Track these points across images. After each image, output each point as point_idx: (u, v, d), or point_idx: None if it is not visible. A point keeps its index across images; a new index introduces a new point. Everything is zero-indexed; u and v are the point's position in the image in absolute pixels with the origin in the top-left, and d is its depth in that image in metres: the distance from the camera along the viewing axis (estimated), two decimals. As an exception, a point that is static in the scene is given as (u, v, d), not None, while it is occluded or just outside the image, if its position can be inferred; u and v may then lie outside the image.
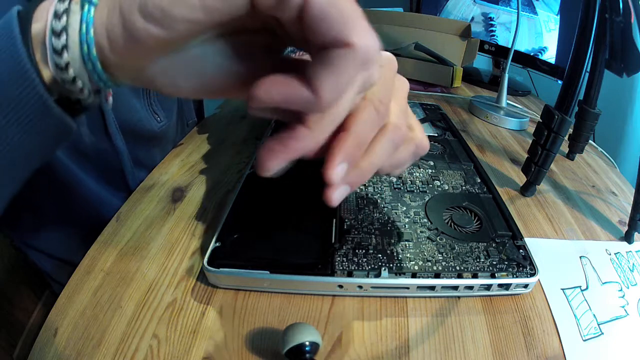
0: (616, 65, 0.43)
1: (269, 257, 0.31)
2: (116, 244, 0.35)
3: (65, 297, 0.30)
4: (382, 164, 0.24)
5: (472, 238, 0.33)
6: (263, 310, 0.29)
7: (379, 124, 0.22)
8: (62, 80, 0.18)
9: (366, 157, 0.22)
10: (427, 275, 0.30)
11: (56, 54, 0.17)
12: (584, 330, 0.30)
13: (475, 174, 0.43)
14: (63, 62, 0.18)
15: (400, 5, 1.04)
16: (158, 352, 0.26)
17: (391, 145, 0.23)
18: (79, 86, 0.18)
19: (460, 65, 0.79)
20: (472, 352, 0.27)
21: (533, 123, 0.61)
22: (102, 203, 0.44)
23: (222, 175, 0.46)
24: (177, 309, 0.29)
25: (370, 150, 0.22)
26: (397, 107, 0.24)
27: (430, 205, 0.37)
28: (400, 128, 0.23)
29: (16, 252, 0.48)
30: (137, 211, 0.39)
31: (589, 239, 0.39)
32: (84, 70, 0.18)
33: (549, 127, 0.41)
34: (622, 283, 0.34)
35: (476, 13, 0.87)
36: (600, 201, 0.46)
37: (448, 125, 0.55)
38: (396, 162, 0.26)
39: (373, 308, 0.30)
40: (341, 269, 0.30)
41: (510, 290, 0.31)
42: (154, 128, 0.48)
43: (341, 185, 0.22)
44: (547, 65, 0.74)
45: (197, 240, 0.36)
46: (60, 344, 0.27)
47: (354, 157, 0.22)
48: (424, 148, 0.27)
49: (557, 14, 0.72)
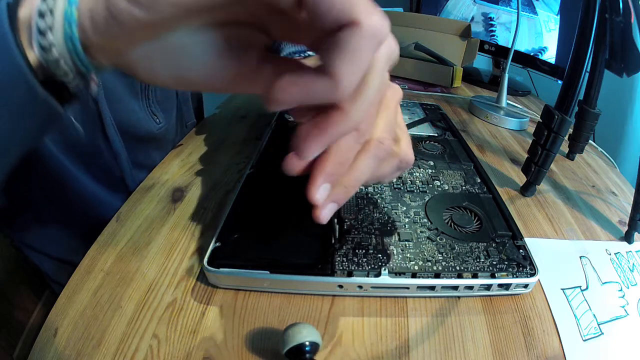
0: (616, 65, 0.43)
1: (269, 257, 0.31)
2: (116, 244, 0.35)
3: (65, 297, 0.30)
4: (366, 179, 0.24)
5: (472, 238, 0.33)
6: (263, 310, 0.29)
7: (360, 141, 0.22)
8: (46, 61, 0.18)
9: (349, 174, 0.22)
10: (427, 275, 0.30)
11: (41, 34, 0.17)
12: (584, 330, 0.30)
13: (475, 174, 0.43)
14: (47, 43, 0.17)
15: (400, 5, 1.04)
16: (158, 352, 0.26)
17: (374, 160, 0.23)
18: (63, 68, 0.18)
19: (460, 65, 0.79)
20: (472, 352, 0.27)
21: (533, 123, 0.61)
22: (101, 203, 0.44)
23: (222, 175, 0.46)
24: (177, 309, 0.29)
25: (354, 167, 0.22)
26: (383, 121, 0.23)
27: (430, 205, 0.37)
28: (383, 143, 0.23)
29: (16, 252, 0.48)
30: (137, 211, 0.39)
31: (589, 239, 0.39)
32: (66, 51, 0.18)
33: (549, 127, 0.41)
34: (622, 283, 0.34)
35: (476, 13, 0.87)
36: (600, 201, 0.46)
37: (448, 125, 0.55)
38: (379, 175, 0.26)
39: (373, 308, 0.30)
40: (341, 269, 0.30)
41: (510, 290, 0.31)
42: (152, 130, 0.48)
43: (327, 204, 0.22)
44: (547, 65, 0.74)
45: (197, 240, 0.36)
46: (60, 344, 0.27)
47: (336, 176, 0.22)
48: (408, 162, 0.26)
49: (557, 14, 0.72)
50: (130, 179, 0.46)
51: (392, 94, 0.25)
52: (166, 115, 0.50)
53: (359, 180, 0.23)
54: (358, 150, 0.22)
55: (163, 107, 0.49)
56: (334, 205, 0.22)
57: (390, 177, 0.27)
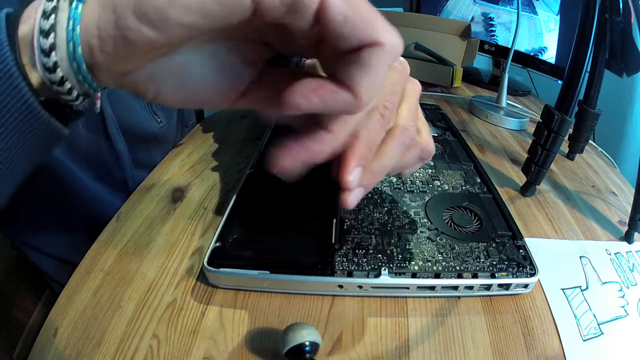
0: (616, 65, 0.43)
1: (269, 257, 0.31)
2: (116, 244, 0.35)
3: (65, 297, 0.30)
4: (393, 165, 0.24)
5: (472, 238, 0.33)
6: (263, 310, 0.29)
7: (385, 127, 0.23)
8: (50, 81, 0.17)
9: (377, 160, 0.23)
10: (427, 275, 0.30)
11: (44, 54, 0.17)
12: (584, 330, 0.30)
13: (475, 174, 0.43)
14: (51, 62, 0.17)
15: (400, 5, 1.04)
16: (158, 352, 0.26)
17: (400, 146, 0.24)
18: (67, 87, 0.18)
19: (460, 65, 0.79)
20: (472, 352, 0.27)
21: (533, 123, 0.61)
22: (102, 203, 0.44)
23: (222, 175, 0.46)
24: (177, 309, 0.29)
25: (381, 153, 0.23)
26: (406, 110, 0.24)
27: (430, 205, 0.37)
28: (408, 129, 0.24)
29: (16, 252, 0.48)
30: (137, 211, 0.39)
31: (589, 239, 0.39)
32: (71, 71, 0.17)
33: (549, 127, 0.41)
34: (622, 283, 0.34)
35: (476, 13, 0.87)
36: (600, 201, 0.46)
37: (448, 125, 0.55)
38: (403, 164, 0.26)
39: (373, 308, 0.30)
40: (341, 269, 0.30)
41: (510, 290, 0.31)
42: (153, 129, 0.48)
43: (356, 189, 0.22)
44: (547, 65, 0.74)
45: (197, 240, 0.36)
46: (60, 344, 0.27)
47: (366, 161, 0.22)
48: (429, 152, 0.27)
49: (557, 14, 0.72)
50: (131, 179, 0.46)
51: (412, 86, 0.26)
52: (167, 115, 0.50)
53: (385, 166, 0.23)
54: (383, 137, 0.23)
55: (164, 106, 0.50)
56: (362, 190, 0.23)
57: (413, 168, 0.28)
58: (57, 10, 0.17)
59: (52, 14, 0.17)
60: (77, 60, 0.17)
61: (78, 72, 0.18)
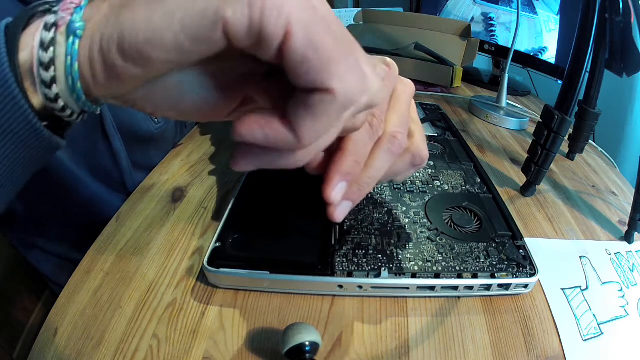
0: (616, 65, 0.43)
1: (269, 257, 0.31)
2: (116, 244, 0.35)
3: (65, 297, 0.30)
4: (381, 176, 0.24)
5: (472, 238, 0.33)
6: (263, 310, 0.29)
7: (374, 138, 0.22)
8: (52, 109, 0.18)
9: (364, 172, 0.22)
10: (427, 276, 0.30)
11: (45, 86, 0.17)
12: (584, 330, 0.30)
13: (475, 174, 0.43)
14: (52, 94, 0.17)
15: (400, 5, 1.05)
16: (158, 352, 0.26)
17: (389, 155, 0.23)
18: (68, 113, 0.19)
19: (460, 65, 0.79)
20: (472, 352, 0.27)
21: (533, 123, 0.61)
22: (101, 203, 0.44)
23: (222, 175, 0.46)
24: (177, 309, 0.29)
25: (369, 164, 0.22)
26: (395, 115, 0.23)
27: (430, 205, 0.37)
28: (396, 137, 0.23)
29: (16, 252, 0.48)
30: (137, 211, 0.39)
31: (589, 239, 0.39)
32: (71, 99, 0.18)
33: (549, 127, 0.41)
34: (622, 283, 0.34)
35: (476, 13, 0.87)
36: (600, 201, 0.46)
37: (448, 125, 0.55)
38: (393, 172, 0.25)
39: (373, 308, 0.30)
40: (341, 269, 0.30)
41: (510, 291, 0.31)
42: (151, 129, 0.48)
43: (342, 202, 0.22)
44: (547, 65, 0.74)
45: (197, 240, 0.36)
46: (60, 344, 0.27)
47: (353, 175, 0.22)
48: (422, 158, 0.26)
49: (557, 14, 0.72)
50: (129, 180, 0.46)
51: (404, 88, 0.25)
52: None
53: (373, 177, 0.23)
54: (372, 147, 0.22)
55: None
56: (349, 204, 0.22)
57: (405, 175, 0.27)
58: (55, 43, 0.17)
59: (50, 46, 0.17)
60: (76, 92, 0.18)
61: (78, 101, 0.18)
